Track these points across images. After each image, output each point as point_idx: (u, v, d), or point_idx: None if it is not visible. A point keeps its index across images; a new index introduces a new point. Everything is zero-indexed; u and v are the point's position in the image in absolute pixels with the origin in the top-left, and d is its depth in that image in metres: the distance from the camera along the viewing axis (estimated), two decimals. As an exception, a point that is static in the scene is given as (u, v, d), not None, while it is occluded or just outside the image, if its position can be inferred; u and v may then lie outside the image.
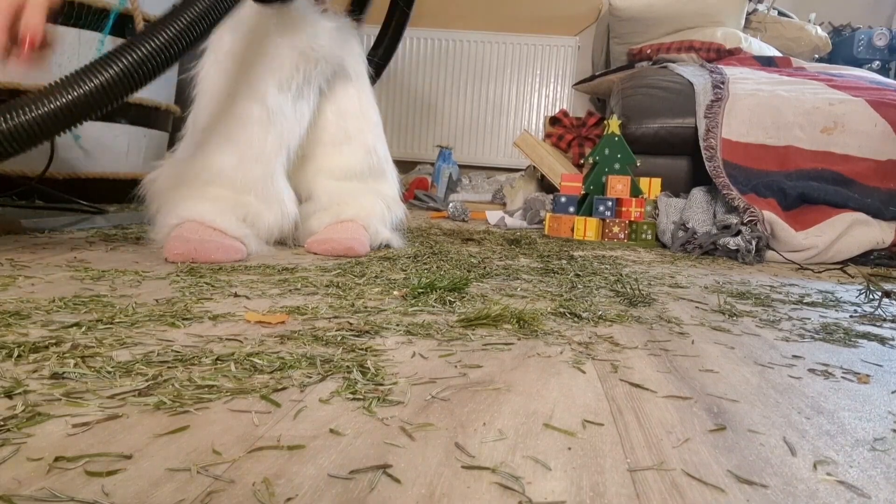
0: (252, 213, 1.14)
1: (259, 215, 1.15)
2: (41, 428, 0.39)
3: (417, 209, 2.70)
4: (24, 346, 0.53)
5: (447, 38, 3.35)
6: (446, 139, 3.32)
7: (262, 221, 1.16)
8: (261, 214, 1.15)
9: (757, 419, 0.48)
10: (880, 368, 0.64)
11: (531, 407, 0.47)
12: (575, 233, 1.83)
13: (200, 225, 1.07)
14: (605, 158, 1.89)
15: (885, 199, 1.65)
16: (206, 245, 1.03)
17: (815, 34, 2.76)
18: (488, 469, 0.37)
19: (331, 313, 0.72)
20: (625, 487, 0.36)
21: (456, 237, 1.60)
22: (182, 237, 1.03)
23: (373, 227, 1.26)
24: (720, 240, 1.55)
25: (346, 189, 1.29)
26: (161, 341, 0.58)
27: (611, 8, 2.63)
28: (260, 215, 1.15)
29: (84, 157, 1.69)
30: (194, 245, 1.02)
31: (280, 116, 1.19)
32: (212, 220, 1.08)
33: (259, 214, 1.15)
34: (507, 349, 0.62)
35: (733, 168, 1.74)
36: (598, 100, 3.08)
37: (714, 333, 0.75)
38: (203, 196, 1.11)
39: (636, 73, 2.27)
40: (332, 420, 0.43)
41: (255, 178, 1.15)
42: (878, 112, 1.75)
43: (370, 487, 0.34)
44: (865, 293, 1.05)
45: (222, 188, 1.13)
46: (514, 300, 0.85)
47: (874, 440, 0.45)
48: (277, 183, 1.18)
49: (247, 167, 1.14)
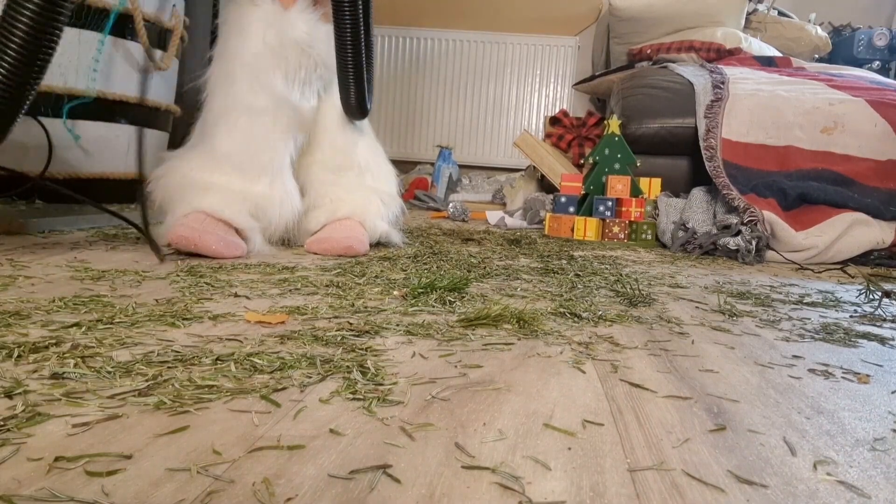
0: (260, 207, 1.16)
1: (266, 209, 1.16)
2: (41, 428, 0.39)
3: (417, 209, 2.70)
4: (24, 346, 0.53)
5: (447, 38, 3.35)
6: (446, 139, 3.32)
7: (269, 215, 1.17)
8: (267, 208, 1.17)
9: (757, 419, 0.48)
10: (880, 368, 0.64)
11: (531, 407, 0.47)
12: (575, 233, 1.83)
13: (207, 216, 1.08)
14: (605, 158, 1.89)
15: (885, 199, 1.65)
16: (208, 236, 1.04)
17: (815, 34, 2.76)
18: (488, 469, 0.37)
19: (331, 313, 0.72)
20: (625, 487, 0.36)
21: (456, 237, 1.60)
22: (187, 225, 1.04)
23: (370, 223, 1.27)
24: (720, 240, 1.55)
25: (340, 183, 1.30)
26: (161, 341, 0.58)
27: (611, 8, 2.63)
28: (266, 209, 1.16)
29: (84, 157, 1.69)
30: (198, 234, 1.03)
31: (286, 107, 1.21)
32: (219, 212, 1.09)
33: (266, 208, 1.16)
34: (507, 349, 0.62)
35: (733, 168, 1.74)
36: (598, 100, 3.08)
37: (714, 333, 0.75)
38: (211, 187, 1.12)
39: (636, 73, 2.27)
40: (332, 420, 0.43)
41: (264, 164, 1.16)
42: (878, 112, 1.75)
43: (370, 487, 0.34)
44: (865, 293, 1.05)
45: (231, 176, 1.14)
46: (514, 300, 0.85)
47: (874, 440, 0.45)
48: (285, 175, 1.20)
49: (255, 154, 1.16)
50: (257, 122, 1.18)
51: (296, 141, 1.24)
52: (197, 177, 1.13)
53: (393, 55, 3.37)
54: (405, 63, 3.38)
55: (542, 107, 3.36)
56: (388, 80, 3.37)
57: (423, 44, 3.36)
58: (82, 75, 1.62)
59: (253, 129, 1.18)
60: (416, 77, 3.38)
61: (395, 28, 3.36)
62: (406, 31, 3.35)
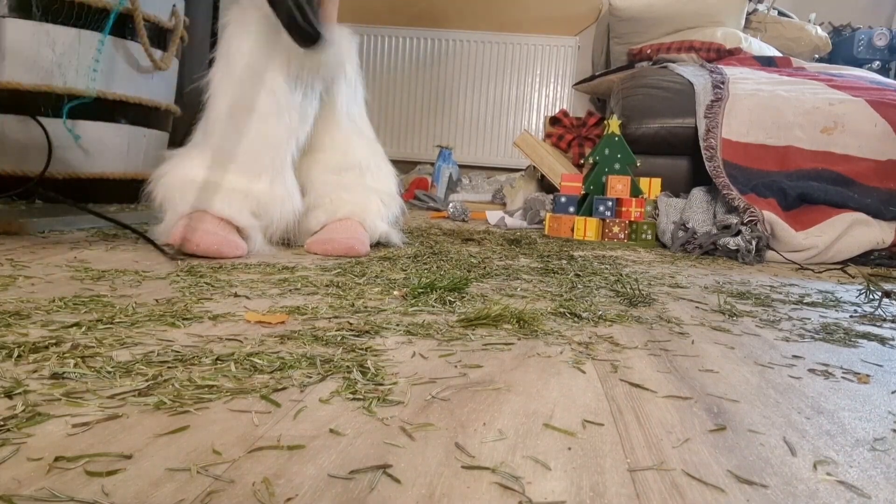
0: (261, 205, 1.16)
1: (267, 208, 1.17)
2: (41, 428, 0.39)
3: (417, 209, 2.69)
4: (24, 346, 0.53)
5: (447, 38, 3.35)
6: (446, 139, 3.32)
7: (270, 214, 1.18)
8: (269, 207, 1.17)
9: (757, 419, 0.48)
10: (880, 368, 0.64)
11: (531, 407, 0.47)
12: (575, 233, 1.83)
13: (208, 215, 1.09)
14: (605, 158, 1.89)
15: (885, 199, 1.65)
16: (209, 237, 1.05)
17: (815, 34, 2.76)
18: (488, 469, 0.37)
19: (331, 313, 0.72)
20: (625, 487, 0.36)
21: (456, 237, 1.60)
22: (188, 225, 1.06)
23: (370, 223, 1.28)
24: (720, 240, 1.55)
25: (340, 183, 1.30)
26: (161, 341, 0.58)
27: (611, 8, 2.63)
28: (268, 208, 1.17)
29: (84, 157, 1.69)
30: (199, 234, 1.04)
31: (289, 108, 1.22)
32: (220, 211, 1.10)
33: (267, 207, 1.17)
34: (507, 349, 0.62)
35: (733, 168, 1.74)
36: (598, 100, 3.08)
37: (714, 333, 0.75)
38: (212, 186, 1.13)
39: (636, 73, 2.27)
40: (332, 420, 0.43)
41: (265, 164, 1.18)
42: (878, 112, 1.75)
43: (370, 487, 0.34)
44: (865, 293, 1.05)
45: (233, 175, 1.15)
46: (514, 300, 0.85)
47: (874, 440, 0.45)
48: (286, 174, 1.21)
49: (257, 153, 1.17)
50: (260, 123, 1.19)
51: (297, 140, 1.25)
52: (198, 175, 1.14)
53: (393, 55, 3.38)
54: (405, 63, 3.38)
55: (542, 107, 3.36)
56: (388, 80, 3.37)
57: (424, 44, 3.36)
58: (82, 75, 1.62)
59: (255, 129, 1.18)
60: (417, 77, 3.38)
61: (395, 28, 3.36)
62: (406, 31, 3.35)
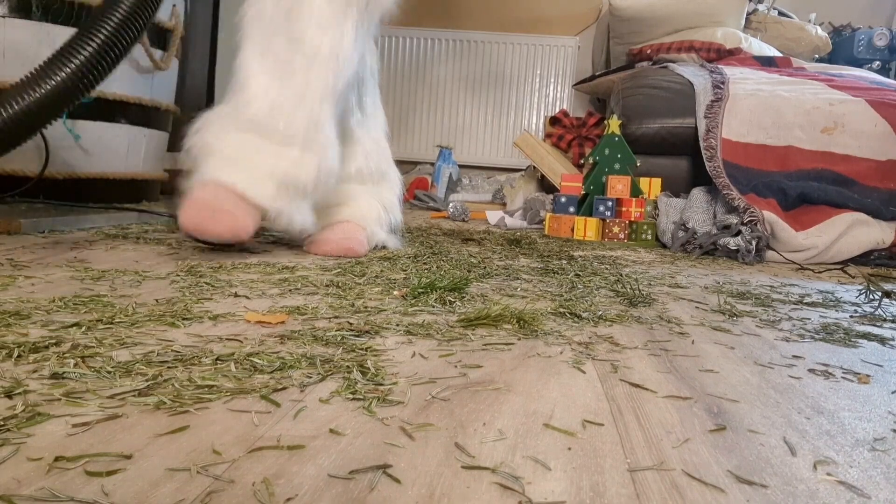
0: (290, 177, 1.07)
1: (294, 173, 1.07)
2: (41, 428, 0.39)
3: (417, 209, 2.69)
4: (24, 346, 0.53)
5: (448, 38, 3.34)
6: (446, 139, 3.32)
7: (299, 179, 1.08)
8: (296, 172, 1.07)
9: (757, 419, 0.48)
10: (880, 368, 0.64)
11: (531, 407, 0.47)
12: (575, 233, 1.83)
13: (223, 189, 1.03)
14: (605, 158, 1.89)
15: (885, 199, 1.65)
16: (216, 216, 1.00)
17: (815, 34, 2.76)
18: (488, 469, 0.37)
19: (331, 313, 0.72)
20: (625, 487, 0.36)
21: (456, 237, 1.60)
22: (197, 205, 1.01)
23: (369, 229, 1.26)
24: (720, 240, 1.55)
25: (343, 190, 1.29)
26: (161, 341, 0.58)
27: (611, 8, 2.63)
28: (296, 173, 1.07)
29: (84, 157, 1.69)
30: (207, 214, 1.00)
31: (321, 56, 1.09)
32: (233, 184, 1.03)
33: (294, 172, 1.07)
34: (507, 349, 0.62)
35: (733, 168, 1.74)
36: (598, 100, 3.08)
37: (714, 333, 0.75)
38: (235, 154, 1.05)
39: (636, 73, 2.27)
40: (332, 420, 0.43)
41: (297, 128, 1.07)
42: (879, 112, 1.75)
43: (370, 487, 0.34)
44: (865, 293, 1.05)
45: (263, 139, 1.06)
46: (514, 300, 0.85)
47: (874, 440, 0.45)
48: (323, 131, 1.10)
49: (287, 113, 1.07)
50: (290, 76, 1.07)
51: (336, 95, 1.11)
52: (220, 142, 1.06)
53: (393, 55, 3.37)
54: (405, 63, 3.37)
55: (542, 107, 3.36)
56: (388, 80, 3.37)
57: (424, 44, 3.36)
58: (82, 75, 1.61)
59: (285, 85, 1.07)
60: (417, 77, 3.38)
61: (395, 28, 3.35)
62: (406, 31, 3.35)
